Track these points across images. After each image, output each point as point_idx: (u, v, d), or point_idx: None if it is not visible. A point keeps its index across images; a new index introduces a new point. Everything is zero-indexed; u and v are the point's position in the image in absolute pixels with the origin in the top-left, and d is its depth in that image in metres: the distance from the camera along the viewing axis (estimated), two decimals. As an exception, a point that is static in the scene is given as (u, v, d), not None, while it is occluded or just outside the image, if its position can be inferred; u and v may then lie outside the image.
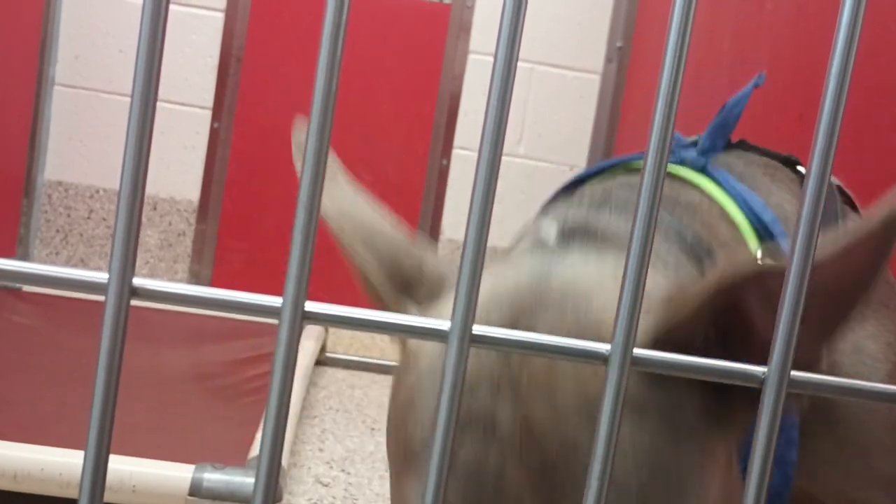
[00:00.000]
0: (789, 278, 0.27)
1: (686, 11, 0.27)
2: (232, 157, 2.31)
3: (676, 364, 0.29)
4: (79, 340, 1.84)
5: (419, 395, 0.50)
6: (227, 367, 1.85)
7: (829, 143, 0.28)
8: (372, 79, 2.29)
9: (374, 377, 2.14)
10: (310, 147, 0.28)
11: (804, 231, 0.27)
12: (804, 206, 0.28)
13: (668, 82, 0.28)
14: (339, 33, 0.26)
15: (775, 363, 0.28)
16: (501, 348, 0.29)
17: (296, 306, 0.28)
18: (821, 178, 0.28)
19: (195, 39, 2.28)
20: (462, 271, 0.27)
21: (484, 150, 0.26)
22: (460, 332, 0.28)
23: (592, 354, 0.28)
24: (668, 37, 0.28)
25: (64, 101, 2.29)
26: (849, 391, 0.30)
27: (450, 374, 0.28)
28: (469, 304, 0.28)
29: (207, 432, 1.50)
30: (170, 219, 2.33)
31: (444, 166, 2.31)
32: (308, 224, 0.28)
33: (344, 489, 1.49)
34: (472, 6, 2.28)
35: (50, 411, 1.49)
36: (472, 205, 0.28)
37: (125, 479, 1.15)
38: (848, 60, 0.27)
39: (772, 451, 0.29)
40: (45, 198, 2.32)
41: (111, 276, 0.26)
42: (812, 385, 0.29)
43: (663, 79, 0.28)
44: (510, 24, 0.28)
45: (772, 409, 0.29)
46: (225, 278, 2.32)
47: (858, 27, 0.27)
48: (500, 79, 0.27)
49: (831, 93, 0.28)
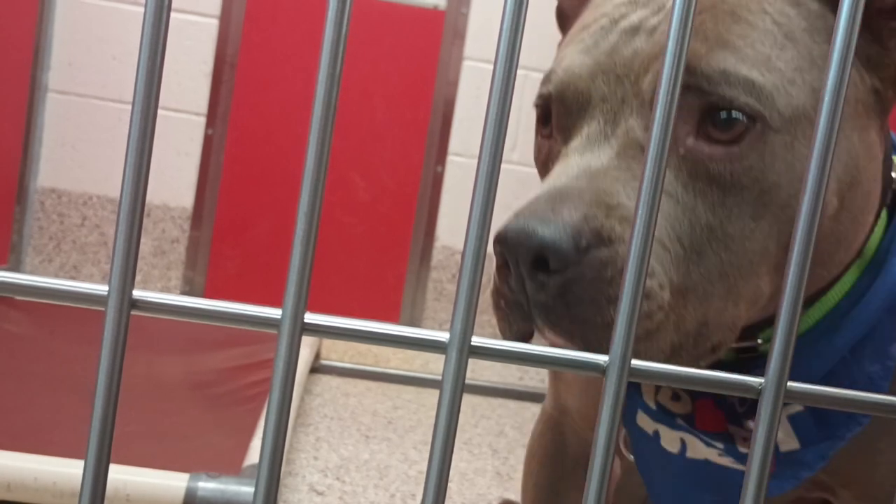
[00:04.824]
0: (783, 299, 0.27)
1: (685, 14, 0.27)
2: (226, 163, 2.31)
3: (674, 375, 0.29)
4: (72, 349, 1.83)
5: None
6: (222, 374, 1.84)
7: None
8: (366, 85, 2.29)
9: (369, 385, 2.14)
10: (310, 157, 0.28)
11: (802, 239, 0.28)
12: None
13: (669, 82, 0.28)
14: (338, 48, 0.26)
15: (772, 374, 0.28)
16: (500, 360, 0.29)
17: (295, 318, 0.28)
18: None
19: (189, 46, 2.27)
20: (461, 284, 0.27)
21: (483, 164, 0.27)
22: (459, 344, 0.28)
23: (591, 366, 0.28)
24: (668, 36, 0.29)
25: (57, 108, 2.28)
26: (846, 402, 0.30)
27: (449, 385, 0.28)
28: (468, 314, 0.28)
29: (202, 441, 1.49)
30: (163, 226, 2.33)
31: (438, 172, 2.32)
32: (308, 234, 0.28)
33: (339, 497, 1.49)
34: (467, 12, 2.29)
35: (44, 420, 1.48)
36: (471, 215, 0.28)
37: (119, 489, 1.15)
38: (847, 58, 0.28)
39: (769, 457, 0.29)
40: (38, 205, 2.31)
41: (111, 289, 0.26)
42: (809, 396, 0.29)
43: (663, 80, 0.28)
44: (509, 31, 0.28)
45: (769, 418, 0.29)
46: (219, 285, 2.32)
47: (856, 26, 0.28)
48: (499, 90, 0.27)
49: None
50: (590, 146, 0.53)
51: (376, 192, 2.32)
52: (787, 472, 0.61)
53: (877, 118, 0.56)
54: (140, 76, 0.26)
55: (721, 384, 0.29)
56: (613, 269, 0.48)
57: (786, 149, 0.51)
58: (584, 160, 0.53)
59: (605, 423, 0.28)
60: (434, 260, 2.33)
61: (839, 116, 0.28)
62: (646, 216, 0.28)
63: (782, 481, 0.61)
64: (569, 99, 0.56)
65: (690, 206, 0.51)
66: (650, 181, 0.28)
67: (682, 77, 0.27)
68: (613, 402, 0.28)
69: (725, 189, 0.51)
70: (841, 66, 0.28)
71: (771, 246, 0.52)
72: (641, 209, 0.28)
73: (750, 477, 0.29)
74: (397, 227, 2.33)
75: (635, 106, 0.53)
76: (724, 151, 0.51)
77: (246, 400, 1.71)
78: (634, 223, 0.28)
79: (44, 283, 0.27)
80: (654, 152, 0.28)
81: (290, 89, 2.29)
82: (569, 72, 0.56)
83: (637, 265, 0.28)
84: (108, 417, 0.27)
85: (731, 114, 0.51)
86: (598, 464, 0.28)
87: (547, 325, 0.49)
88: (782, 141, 0.51)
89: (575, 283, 0.48)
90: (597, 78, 0.55)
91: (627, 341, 0.27)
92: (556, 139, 0.58)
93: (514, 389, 2.21)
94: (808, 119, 0.52)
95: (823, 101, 0.28)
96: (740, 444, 0.61)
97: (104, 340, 0.27)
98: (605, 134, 0.53)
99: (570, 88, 0.56)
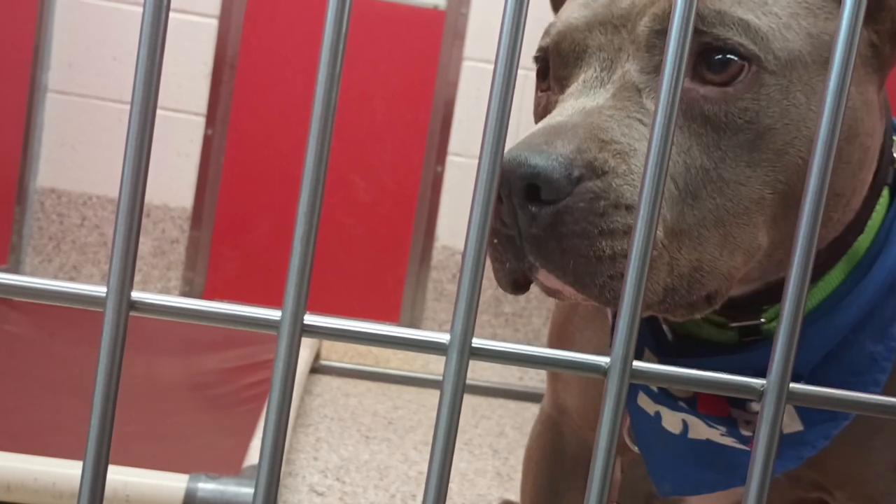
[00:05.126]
0: (786, 300, 0.27)
1: (685, 22, 0.27)
2: (226, 164, 2.31)
3: (675, 377, 0.29)
4: (73, 350, 1.83)
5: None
6: (222, 375, 1.84)
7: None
8: (366, 85, 2.29)
9: (369, 385, 2.14)
10: (309, 158, 0.28)
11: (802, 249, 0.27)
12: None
13: (669, 82, 0.28)
14: (338, 48, 0.26)
15: (774, 376, 0.28)
16: (501, 361, 0.29)
17: (295, 319, 0.28)
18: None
19: (189, 46, 2.27)
20: (461, 285, 0.27)
21: (483, 164, 0.27)
22: (460, 346, 0.28)
23: (592, 367, 0.28)
24: (668, 37, 0.28)
25: (57, 108, 2.28)
26: (848, 403, 0.30)
27: (449, 387, 0.28)
28: (468, 316, 0.28)
29: (202, 441, 1.49)
30: (163, 226, 2.32)
31: (438, 173, 2.31)
32: (308, 234, 0.28)
33: (339, 498, 1.49)
34: (467, 13, 2.28)
35: (43, 421, 1.48)
36: (472, 216, 0.28)
37: (119, 490, 1.15)
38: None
39: (771, 460, 0.29)
40: (38, 205, 2.31)
41: (110, 290, 0.26)
42: (811, 397, 0.29)
43: (664, 79, 0.28)
44: (510, 31, 0.28)
45: (771, 420, 0.29)
46: (219, 286, 2.32)
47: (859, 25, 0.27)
48: (500, 90, 0.27)
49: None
50: (586, 91, 0.54)
51: (376, 192, 2.32)
52: (791, 452, 0.61)
53: (874, 74, 0.56)
54: (139, 76, 0.26)
55: (723, 385, 0.29)
56: (605, 201, 0.48)
57: (781, 92, 0.51)
58: (579, 102, 0.53)
59: (607, 424, 0.28)
60: (434, 260, 2.33)
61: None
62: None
63: (785, 461, 0.61)
64: (565, 49, 0.56)
65: (685, 146, 0.51)
66: (651, 184, 0.27)
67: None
68: (615, 404, 0.28)
69: (720, 130, 0.51)
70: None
71: (767, 195, 0.52)
72: (642, 215, 0.28)
73: (752, 479, 0.29)
74: (397, 227, 2.33)
75: (631, 51, 0.53)
76: (719, 92, 0.51)
77: (246, 401, 1.71)
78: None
79: (41, 284, 0.27)
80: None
81: (290, 90, 2.28)
82: (566, 23, 0.57)
83: (637, 278, 0.28)
84: (107, 418, 0.27)
85: (726, 55, 0.51)
86: (600, 466, 0.28)
87: (538, 259, 0.49)
88: (777, 84, 0.51)
89: (566, 214, 0.48)
90: (594, 28, 0.55)
91: (629, 343, 0.27)
92: (554, 90, 0.59)
93: (514, 390, 2.20)
94: (803, 64, 0.52)
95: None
96: (743, 428, 0.61)
97: (103, 341, 0.27)
98: (602, 80, 0.54)
99: (566, 39, 0.56)
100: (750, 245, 0.53)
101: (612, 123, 0.51)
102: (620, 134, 0.50)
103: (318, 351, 2.14)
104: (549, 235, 0.48)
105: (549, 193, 0.48)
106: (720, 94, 0.51)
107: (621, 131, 0.50)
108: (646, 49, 0.53)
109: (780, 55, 0.51)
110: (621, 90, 0.53)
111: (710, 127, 0.51)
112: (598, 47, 0.55)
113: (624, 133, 0.50)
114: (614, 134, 0.50)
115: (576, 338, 0.76)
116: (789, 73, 0.51)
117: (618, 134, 0.50)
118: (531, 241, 0.49)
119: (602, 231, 0.48)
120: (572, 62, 0.56)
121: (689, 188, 0.50)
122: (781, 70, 0.51)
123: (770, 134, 0.51)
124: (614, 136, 0.50)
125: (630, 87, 0.52)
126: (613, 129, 0.50)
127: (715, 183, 0.51)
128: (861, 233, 0.60)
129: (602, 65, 0.54)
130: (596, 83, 0.54)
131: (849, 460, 0.64)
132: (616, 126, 0.51)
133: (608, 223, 0.48)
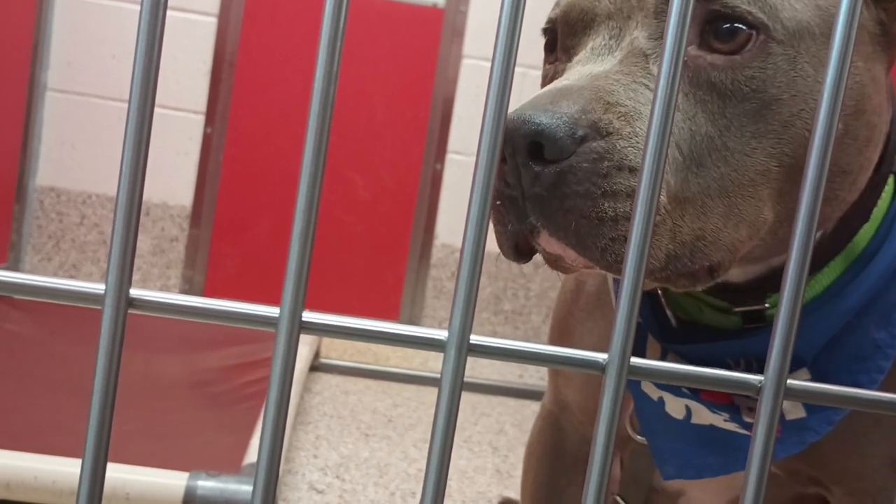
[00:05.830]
0: (783, 295, 0.27)
1: (681, 22, 0.27)
2: (225, 162, 2.31)
3: (673, 373, 0.29)
4: (72, 348, 1.83)
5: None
6: (221, 373, 1.84)
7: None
8: (365, 83, 2.29)
9: (369, 383, 2.14)
10: (307, 154, 0.28)
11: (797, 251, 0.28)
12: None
13: (666, 82, 0.28)
14: (335, 45, 0.26)
15: (772, 372, 0.28)
16: (499, 358, 0.29)
17: (293, 316, 0.28)
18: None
19: (188, 44, 2.27)
20: (459, 281, 0.27)
21: (481, 162, 0.27)
22: (458, 342, 0.28)
23: (590, 364, 0.28)
24: (665, 36, 0.29)
25: (56, 107, 2.28)
26: (846, 400, 0.30)
27: (448, 384, 0.28)
28: (467, 313, 0.28)
29: (201, 439, 1.49)
30: (162, 224, 2.32)
31: (437, 170, 2.31)
32: (306, 231, 0.28)
33: (339, 496, 1.49)
34: (466, 10, 2.28)
35: (43, 419, 1.48)
36: (470, 213, 0.28)
37: (119, 487, 1.15)
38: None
39: (769, 454, 0.29)
40: (37, 203, 2.31)
41: (108, 287, 0.26)
42: (808, 393, 0.29)
43: (661, 77, 0.28)
44: (507, 29, 0.28)
45: (769, 415, 0.29)
46: (218, 284, 2.32)
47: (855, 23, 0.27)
48: (497, 88, 0.27)
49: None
50: (594, 58, 0.54)
51: (375, 190, 2.32)
52: (794, 437, 0.60)
53: (882, 53, 0.56)
54: (136, 73, 0.26)
55: (721, 382, 0.29)
56: (609, 162, 0.48)
57: (788, 63, 0.51)
58: (586, 68, 0.53)
59: (605, 420, 0.28)
60: (433, 258, 2.33)
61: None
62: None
63: (788, 446, 0.61)
64: (574, 18, 0.57)
65: (691, 113, 0.51)
66: (648, 184, 0.27)
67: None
68: (613, 400, 0.28)
69: (726, 98, 0.51)
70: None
71: (772, 167, 0.52)
72: (640, 216, 0.28)
73: (750, 473, 0.29)
74: (397, 225, 2.33)
75: (640, 18, 0.53)
76: (727, 60, 0.51)
77: (245, 398, 1.71)
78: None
79: (40, 281, 0.27)
80: (654, 150, 0.27)
81: (289, 88, 2.28)
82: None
83: (633, 280, 0.28)
84: (106, 415, 0.27)
85: (734, 23, 0.51)
86: (598, 461, 0.28)
87: (540, 220, 0.49)
88: (785, 54, 0.51)
89: (570, 174, 0.48)
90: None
91: (627, 339, 0.27)
92: (561, 59, 0.59)
93: (513, 387, 2.21)
94: (811, 36, 0.52)
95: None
96: (745, 415, 0.61)
97: (101, 338, 0.27)
98: (610, 47, 0.54)
99: (575, 8, 0.57)
100: (755, 218, 0.53)
101: (618, 87, 0.51)
102: (626, 97, 0.50)
103: (318, 349, 2.14)
104: (552, 195, 0.48)
105: (553, 152, 0.47)
106: (727, 63, 0.51)
107: (627, 95, 0.50)
108: (654, 16, 0.53)
109: (789, 25, 0.51)
110: (629, 56, 0.53)
111: (716, 94, 0.51)
112: (607, 15, 0.55)
113: (630, 97, 0.50)
114: (620, 97, 0.50)
115: (577, 330, 0.76)
116: (797, 44, 0.51)
117: (623, 97, 0.50)
118: (534, 201, 0.49)
119: (605, 192, 0.48)
120: (581, 31, 0.56)
121: (694, 155, 0.50)
122: (789, 40, 0.51)
123: (776, 104, 0.51)
124: (620, 98, 0.50)
125: (638, 53, 0.53)
126: (619, 92, 0.50)
127: (720, 152, 0.51)
128: (866, 220, 0.60)
129: (611, 32, 0.54)
130: (604, 50, 0.54)
131: (846, 455, 0.64)
132: (622, 90, 0.51)
133: (611, 184, 0.48)
